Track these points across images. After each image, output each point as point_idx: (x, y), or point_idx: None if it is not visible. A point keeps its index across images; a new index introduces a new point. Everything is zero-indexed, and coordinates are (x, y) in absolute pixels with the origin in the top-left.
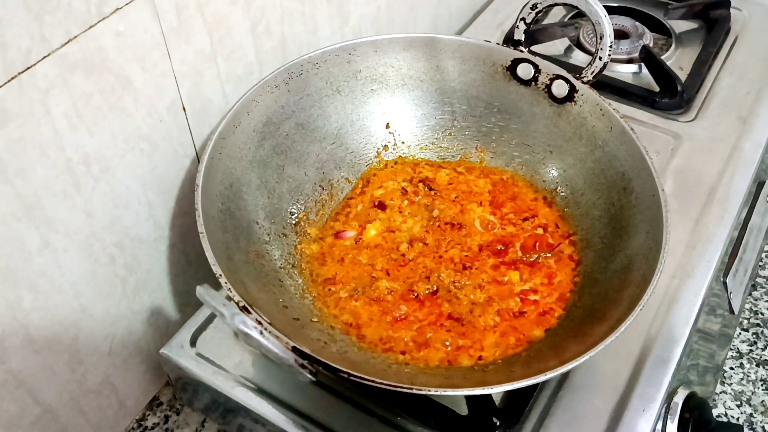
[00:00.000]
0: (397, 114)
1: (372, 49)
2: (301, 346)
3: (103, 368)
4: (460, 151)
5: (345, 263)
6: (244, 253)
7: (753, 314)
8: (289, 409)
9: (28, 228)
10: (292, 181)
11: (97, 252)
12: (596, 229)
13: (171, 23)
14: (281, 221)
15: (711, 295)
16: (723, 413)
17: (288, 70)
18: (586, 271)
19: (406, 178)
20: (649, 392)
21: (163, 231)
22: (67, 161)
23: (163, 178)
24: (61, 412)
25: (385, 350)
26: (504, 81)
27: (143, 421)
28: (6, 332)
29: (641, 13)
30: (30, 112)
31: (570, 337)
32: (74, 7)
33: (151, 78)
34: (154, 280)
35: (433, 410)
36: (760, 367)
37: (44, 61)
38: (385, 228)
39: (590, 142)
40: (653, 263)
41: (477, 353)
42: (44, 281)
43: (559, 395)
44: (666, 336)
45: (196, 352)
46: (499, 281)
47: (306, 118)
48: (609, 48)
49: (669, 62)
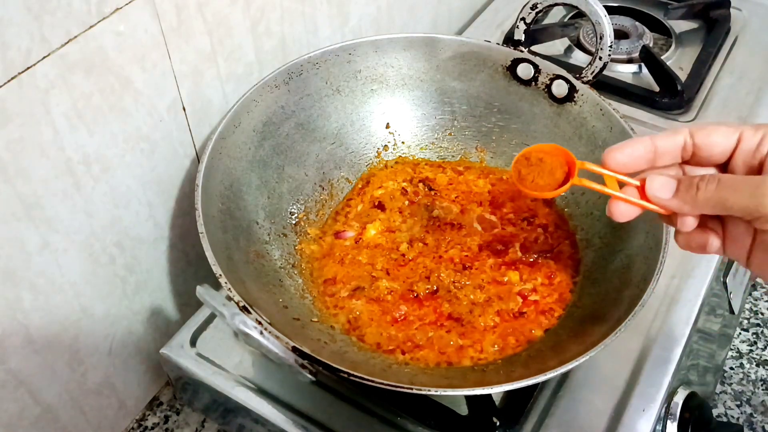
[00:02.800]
0: (397, 114)
1: (372, 49)
2: (301, 346)
3: (103, 368)
4: (460, 151)
5: (345, 263)
6: (244, 253)
7: (753, 314)
8: (289, 409)
9: (28, 228)
10: (292, 181)
11: (97, 252)
12: (596, 229)
13: (171, 23)
14: (281, 221)
15: (711, 295)
16: (723, 413)
17: (288, 70)
18: (586, 271)
19: (406, 178)
20: (649, 392)
21: (163, 231)
22: (67, 161)
23: (163, 178)
24: (61, 412)
25: (385, 350)
26: (504, 81)
27: (143, 421)
28: (6, 332)
29: (641, 13)
30: (30, 112)
31: (570, 337)
32: (74, 7)
33: (151, 78)
34: (154, 280)
35: (433, 410)
36: (760, 367)
37: (44, 61)
38: (385, 228)
39: (590, 142)
40: (653, 263)
41: (477, 353)
42: (44, 281)
43: (559, 395)
44: (666, 336)
45: (196, 352)
46: (499, 281)
47: (306, 118)
48: (609, 48)
49: (669, 62)
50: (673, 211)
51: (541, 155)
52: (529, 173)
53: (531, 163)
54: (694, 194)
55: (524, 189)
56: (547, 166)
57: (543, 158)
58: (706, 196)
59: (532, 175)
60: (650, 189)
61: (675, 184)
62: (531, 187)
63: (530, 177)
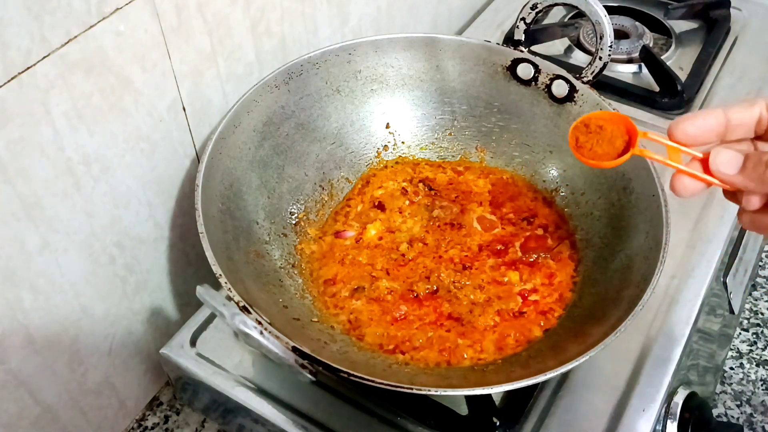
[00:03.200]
0: (397, 114)
1: (372, 49)
2: (301, 346)
3: (103, 368)
4: (460, 151)
5: (345, 263)
6: (244, 253)
7: (753, 314)
8: (289, 409)
9: (28, 228)
10: (292, 181)
11: (97, 252)
12: (596, 229)
13: (171, 23)
14: (281, 221)
15: (711, 295)
16: (723, 413)
17: (288, 70)
18: (586, 271)
19: (406, 178)
20: (649, 392)
21: (163, 231)
22: (67, 161)
23: (163, 178)
24: (61, 412)
25: (385, 350)
26: (504, 81)
27: (143, 421)
28: (6, 332)
29: (641, 13)
30: (30, 112)
31: (570, 337)
32: (74, 7)
33: (151, 78)
34: (154, 280)
35: (433, 410)
36: (760, 367)
37: (44, 61)
38: (385, 228)
39: None
40: (653, 263)
41: (477, 353)
42: (44, 281)
43: (559, 395)
44: (666, 336)
45: (196, 352)
46: (499, 281)
47: (306, 118)
48: (609, 48)
49: (669, 62)
50: (738, 188)
51: (601, 122)
52: (588, 141)
53: (590, 130)
54: (762, 172)
55: (582, 157)
56: (607, 134)
57: (603, 126)
58: None
59: (591, 143)
60: (714, 163)
61: (742, 159)
62: (589, 156)
63: (588, 145)
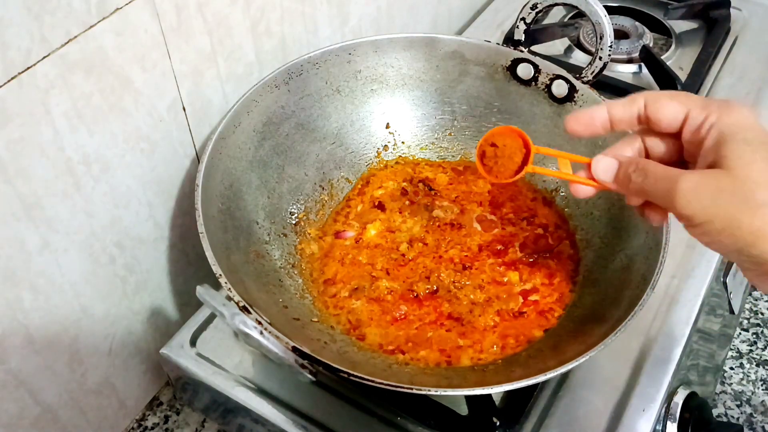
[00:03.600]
0: (397, 114)
1: (372, 49)
2: (301, 346)
3: (103, 368)
4: (460, 151)
5: (345, 263)
6: (244, 253)
7: (753, 314)
8: (289, 409)
9: (28, 228)
10: (292, 181)
11: (97, 252)
12: (596, 229)
13: (171, 23)
14: (281, 221)
15: (711, 295)
16: (723, 413)
17: (288, 70)
18: (586, 271)
19: (406, 178)
20: (649, 392)
21: (163, 231)
22: (67, 161)
23: (163, 178)
24: (61, 412)
25: (385, 350)
26: (504, 81)
27: (143, 421)
28: (6, 332)
29: (641, 13)
30: (30, 112)
31: (570, 337)
32: (74, 7)
33: (151, 78)
34: (154, 280)
35: (433, 410)
36: (760, 367)
37: (44, 61)
38: (385, 228)
39: (590, 141)
40: (653, 263)
41: (477, 353)
42: (44, 281)
43: (559, 395)
44: (666, 336)
45: (196, 352)
46: (499, 281)
47: (306, 118)
48: (609, 48)
49: (669, 62)
50: (616, 191)
51: (502, 139)
52: (490, 159)
53: (496, 147)
54: (627, 180)
55: (487, 176)
56: (508, 149)
57: (506, 143)
58: (635, 187)
59: (493, 160)
60: (594, 170)
61: (616, 167)
62: (494, 173)
63: (491, 162)
